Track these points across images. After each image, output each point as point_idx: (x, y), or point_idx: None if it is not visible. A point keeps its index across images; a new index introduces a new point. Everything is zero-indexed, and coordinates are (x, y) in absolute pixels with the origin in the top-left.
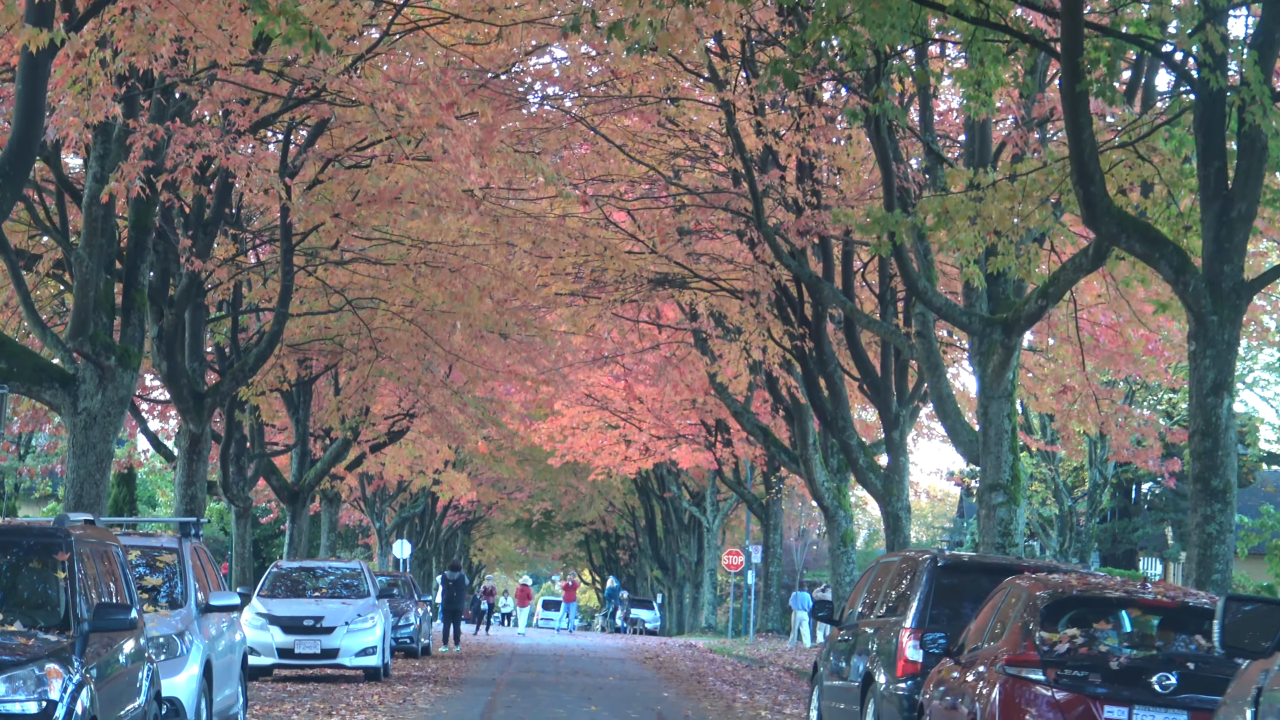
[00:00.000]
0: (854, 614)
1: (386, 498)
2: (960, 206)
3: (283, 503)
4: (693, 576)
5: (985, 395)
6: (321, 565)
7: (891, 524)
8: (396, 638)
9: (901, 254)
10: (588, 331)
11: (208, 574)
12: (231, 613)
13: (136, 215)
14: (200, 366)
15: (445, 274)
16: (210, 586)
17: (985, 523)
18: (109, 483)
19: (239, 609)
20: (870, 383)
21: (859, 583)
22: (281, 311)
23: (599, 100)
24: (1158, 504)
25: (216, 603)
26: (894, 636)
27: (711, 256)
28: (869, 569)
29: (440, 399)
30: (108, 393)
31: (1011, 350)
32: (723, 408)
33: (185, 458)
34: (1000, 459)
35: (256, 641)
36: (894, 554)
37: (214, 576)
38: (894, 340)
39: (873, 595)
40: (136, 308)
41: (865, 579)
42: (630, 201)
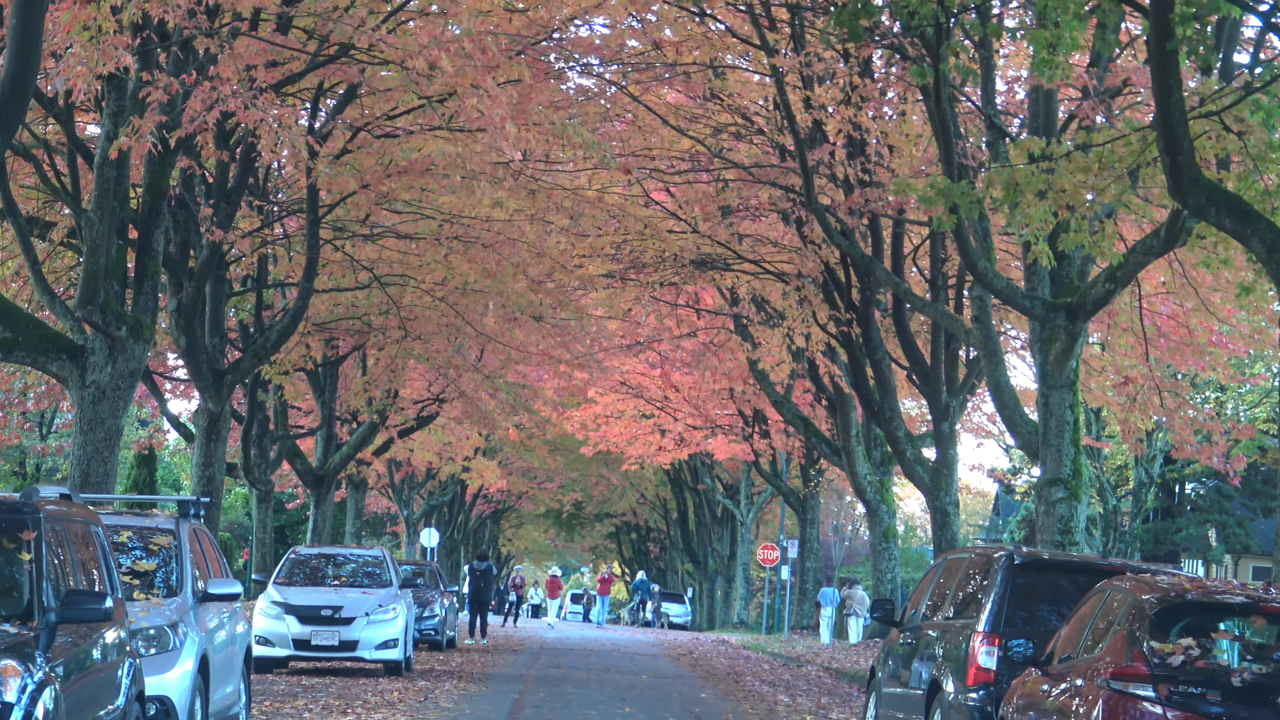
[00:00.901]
0: (917, 615)
1: (415, 485)
2: (1030, 179)
3: (307, 487)
4: (725, 571)
5: (1046, 385)
6: (342, 552)
7: (939, 520)
8: (421, 629)
9: (961, 232)
10: (624, 315)
11: (208, 559)
12: (233, 602)
13: (151, 178)
14: (220, 342)
15: (478, 250)
16: (211, 573)
17: (1044, 519)
18: (118, 460)
19: (239, 598)
20: (919, 371)
21: (922, 581)
22: (306, 286)
23: (641, 69)
24: (1201, 505)
25: (216, 591)
26: (964, 641)
27: (755, 238)
28: (934, 566)
29: (471, 383)
30: (118, 365)
31: (1075, 337)
32: (760, 397)
33: (204, 437)
34: (1061, 452)
35: (271, 632)
36: (963, 550)
37: (216, 562)
38: (949, 325)
39: (938, 595)
40: (150, 276)
41: (930, 577)
42: (672, 177)
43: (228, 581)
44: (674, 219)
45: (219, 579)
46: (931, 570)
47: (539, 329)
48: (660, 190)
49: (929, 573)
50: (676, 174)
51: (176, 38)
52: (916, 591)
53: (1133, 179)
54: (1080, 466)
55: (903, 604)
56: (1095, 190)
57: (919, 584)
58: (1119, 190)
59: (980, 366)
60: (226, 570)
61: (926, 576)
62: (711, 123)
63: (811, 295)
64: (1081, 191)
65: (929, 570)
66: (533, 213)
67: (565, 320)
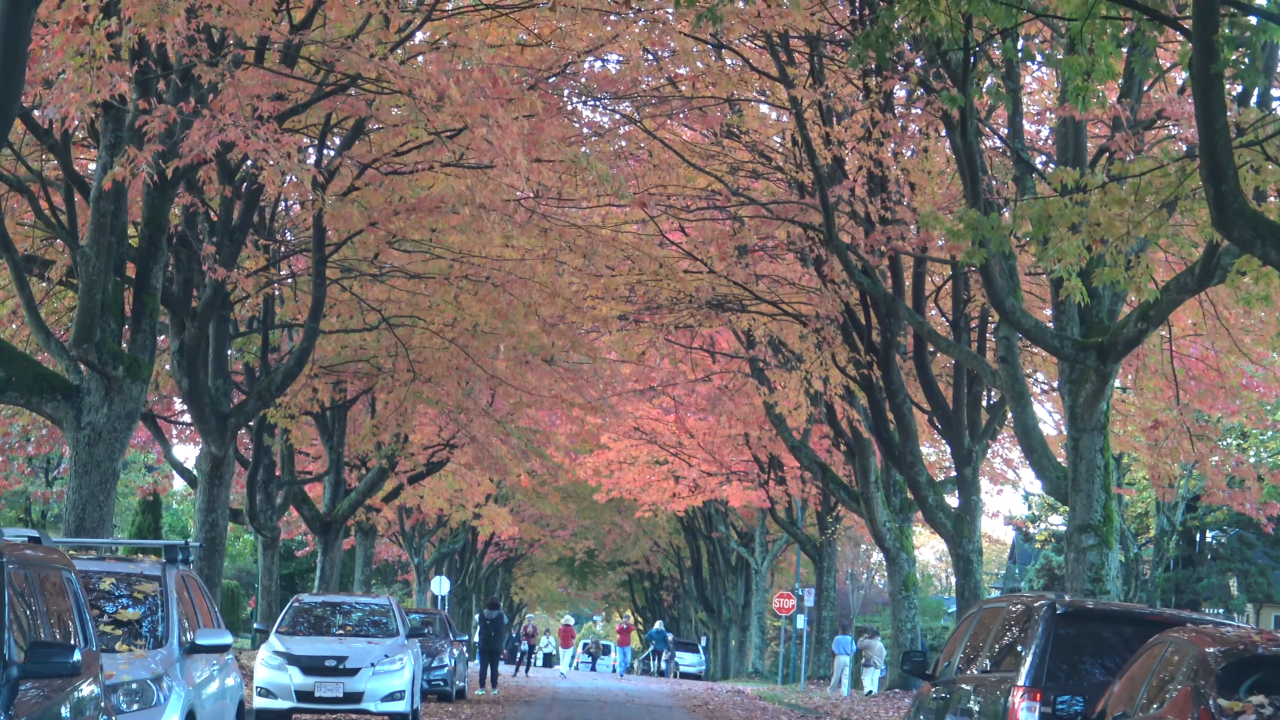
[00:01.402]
0: (950, 667)
1: (425, 532)
2: (1063, 211)
3: (314, 534)
4: (739, 619)
5: (1076, 428)
6: (347, 600)
7: (962, 567)
8: (430, 680)
9: (988, 269)
10: (638, 359)
11: (197, 608)
12: (224, 653)
13: (150, 211)
14: (224, 384)
15: (488, 290)
16: (201, 622)
17: (1074, 567)
18: (114, 505)
19: (230, 649)
20: (941, 415)
21: (956, 631)
22: (312, 327)
23: (656, 103)
24: (1222, 553)
25: (204, 642)
26: (1003, 696)
27: (773, 278)
28: (968, 616)
29: (482, 428)
30: (114, 406)
31: (1106, 378)
32: (776, 443)
33: (206, 482)
34: (1092, 497)
35: (273, 683)
36: (1001, 599)
37: (207, 611)
38: (975, 366)
39: (974, 646)
40: (148, 313)
41: (964, 627)
42: (688, 215)
43: (217, 632)
44: (690, 259)
45: (208, 629)
46: (966, 620)
47: (551, 373)
48: (675, 230)
49: (963, 622)
50: (692, 213)
51: (177, 66)
52: (950, 642)
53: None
54: (1111, 512)
55: (920, 649)
56: (1131, 224)
57: (952, 634)
58: (1155, 223)
59: (1003, 410)
60: (218, 619)
61: (961, 627)
62: (728, 160)
63: (831, 337)
64: (1117, 224)
65: (963, 620)
66: (544, 252)
67: (578, 364)
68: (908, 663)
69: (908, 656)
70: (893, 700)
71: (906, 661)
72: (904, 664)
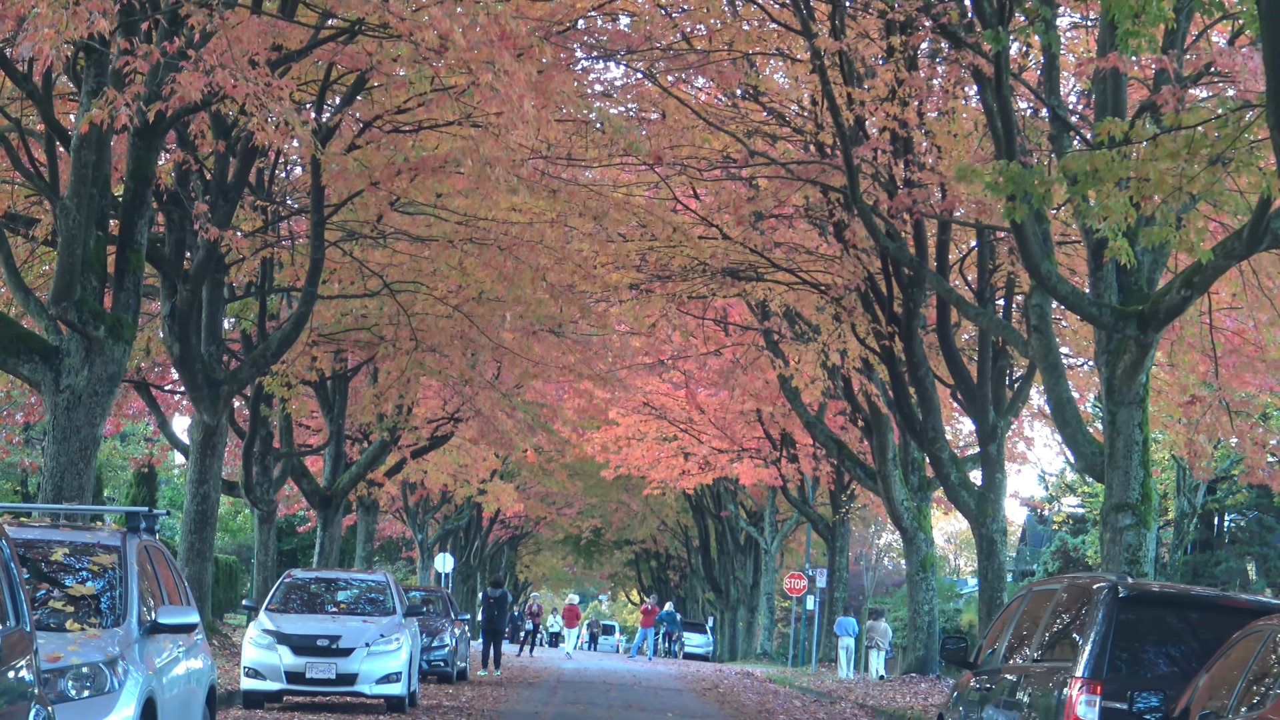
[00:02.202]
0: (995, 655)
1: (429, 509)
2: (1110, 165)
3: (313, 508)
4: (747, 600)
5: (1113, 401)
6: (341, 577)
7: (985, 548)
8: (429, 660)
9: (1023, 232)
10: (649, 330)
11: (163, 582)
12: (190, 633)
13: (135, 163)
14: (218, 350)
15: (494, 254)
16: (167, 598)
17: (1110, 548)
18: (94, 473)
19: (197, 628)
20: (965, 389)
21: (1000, 616)
22: (310, 291)
23: (671, 58)
24: (1240, 537)
25: (167, 620)
26: (1057, 689)
27: (790, 246)
28: (1016, 598)
29: (487, 402)
30: (95, 368)
31: (1147, 348)
32: (789, 420)
33: (198, 452)
34: (1129, 474)
35: (261, 663)
36: (1053, 579)
37: (173, 586)
38: (1005, 336)
39: (1022, 632)
40: (132, 270)
41: (1010, 611)
42: (702, 179)
43: (182, 609)
44: (704, 224)
45: (172, 606)
46: (1013, 603)
47: (559, 344)
48: (689, 196)
49: (1009, 606)
50: (708, 173)
51: (164, 6)
52: (993, 627)
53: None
54: (1149, 490)
55: (937, 638)
56: (1183, 178)
57: (996, 619)
58: (1209, 179)
59: (1029, 385)
60: (187, 595)
61: (1007, 611)
62: (744, 124)
63: (851, 305)
64: (1167, 180)
65: (1011, 601)
66: (553, 216)
67: (587, 336)
68: (950, 645)
69: (949, 640)
70: (909, 684)
71: (949, 645)
72: (942, 650)
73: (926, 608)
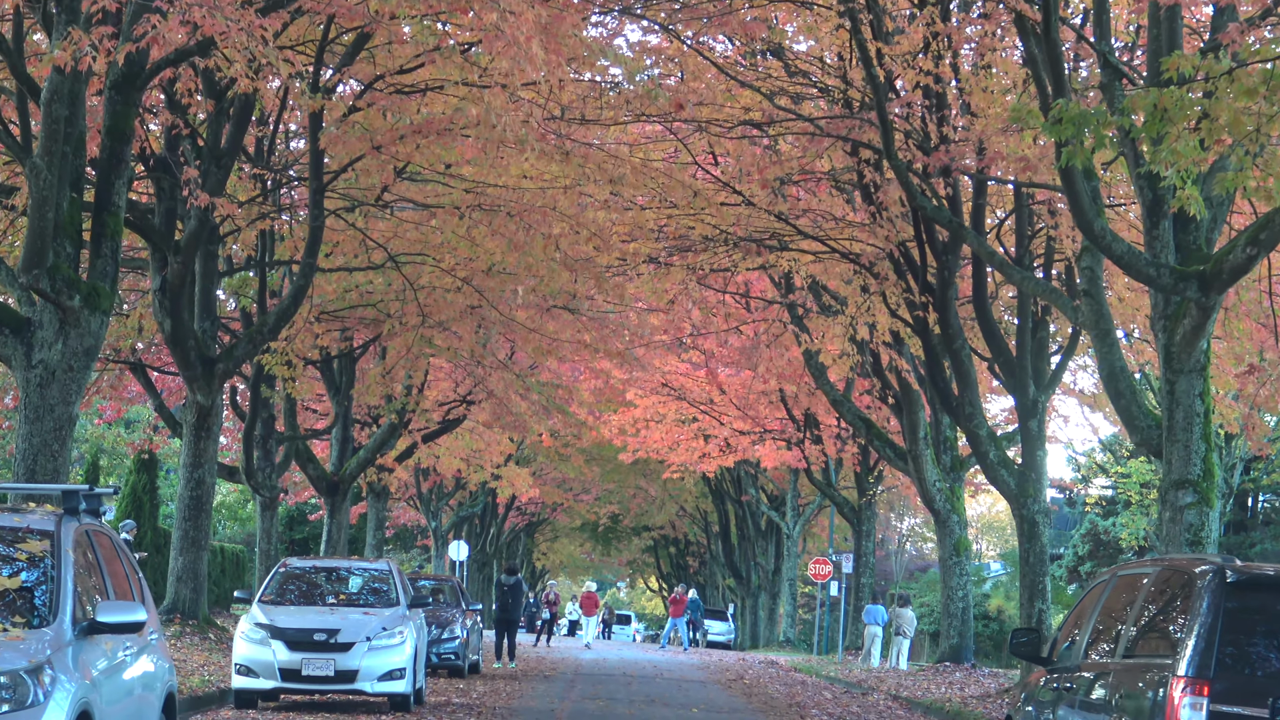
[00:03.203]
0: (1074, 650)
1: (443, 495)
2: (1180, 104)
3: (320, 494)
4: (769, 586)
5: (1172, 370)
6: (341, 565)
7: (1026, 530)
8: (439, 653)
9: (1074, 186)
10: (668, 306)
11: (109, 573)
12: (139, 632)
13: (112, 119)
14: (212, 326)
15: (503, 221)
16: (111, 592)
17: (1169, 528)
18: (69, 454)
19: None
20: (1004, 363)
21: (1079, 605)
22: (309, 262)
23: (691, 6)
24: (1275, 518)
25: (108, 619)
26: (1152, 689)
27: (817, 213)
28: (1096, 584)
29: (501, 383)
30: (70, 341)
31: (1208, 312)
32: (813, 399)
33: (192, 434)
34: (1190, 449)
35: (254, 659)
36: (1142, 563)
37: (123, 577)
38: (1053, 301)
39: (1105, 624)
40: (109, 235)
41: (1090, 600)
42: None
43: (127, 606)
44: (726, 189)
45: (117, 602)
46: (1094, 589)
47: (574, 322)
48: (709, 162)
49: (1089, 593)
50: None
51: None
52: (1069, 618)
53: None
54: (1212, 466)
55: (971, 624)
56: (1262, 118)
57: (1074, 609)
58: None
59: (1069, 357)
60: (140, 589)
61: (1086, 598)
62: (768, 84)
63: (886, 273)
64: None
65: (1090, 589)
66: (567, 183)
67: (603, 313)
68: (1020, 639)
69: (1019, 633)
70: (943, 674)
71: (1019, 638)
72: (1012, 644)
73: (961, 593)
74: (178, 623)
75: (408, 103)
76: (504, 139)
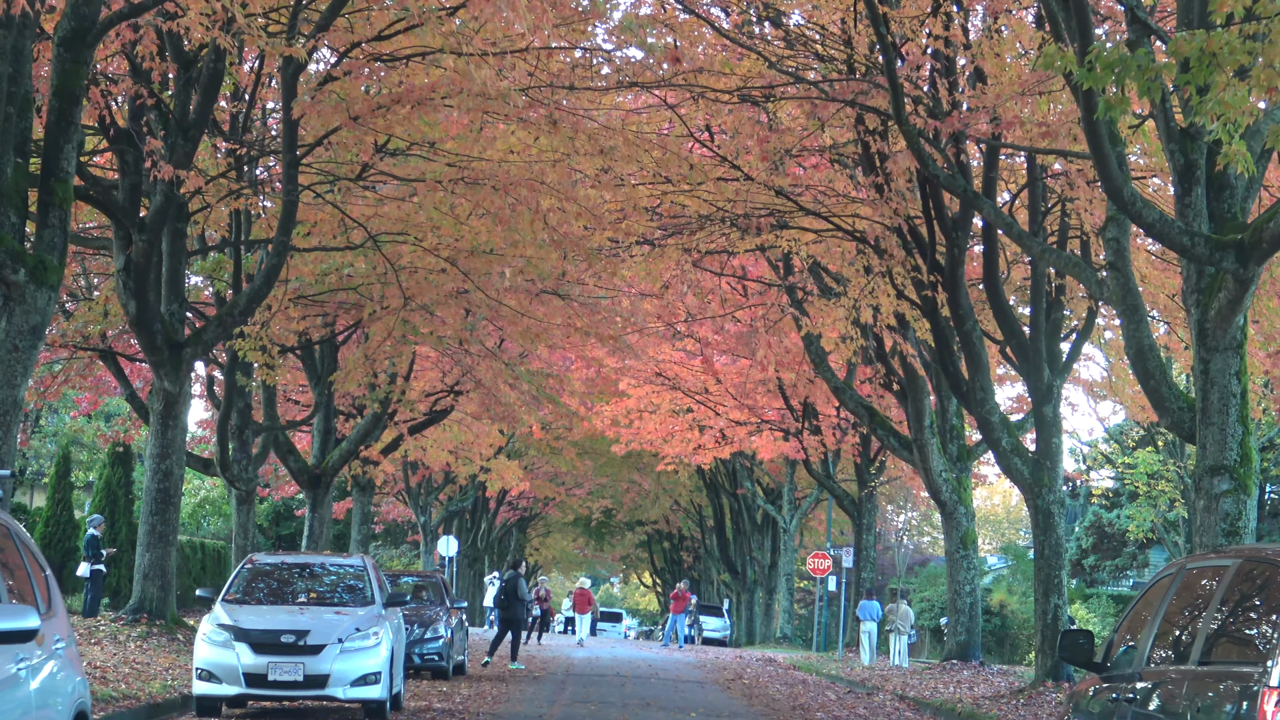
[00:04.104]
0: (1135, 655)
1: (432, 489)
2: (1231, 48)
3: (301, 487)
4: (765, 581)
5: (1206, 347)
6: (312, 561)
7: (1041, 522)
8: (422, 654)
9: (1101, 147)
10: (661, 291)
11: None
12: (28, 641)
13: (60, 78)
14: (180, 309)
15: (488, 194)
16: (6, 594)
17: (1204, 518)
18: (14, 442)
19: (35, 635)
20: (1017, 345)
21: (1136, 604)
22: (283, 240)
23: None
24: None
25: None
26: (1235, 702)
27: (819, 190)
28: (1161, 577)
29: (489, 372)
30: (15, 319)
31: (1246, 284)
32: (812, 387)
33: (159, 423)
34: (1226, 432)
35: (216, 663)
36: (1213, 554)
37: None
38: (1077, 274)
39: (1171, 625)
40: (58, 204)
41: (1153, 598)
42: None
43: (12, 610)
44: (723, 163)
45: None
46: (1158, 585)
47: (564, 308)
48: (705, 135)
49: (1150, 589)
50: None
51: None
52: (1125, 619)
53: None
54: (1250, 450)
55: (979, 620)
56: None
57: (1131, 608)
58: None
59: (1085, 338)
60: (47, 589)
61: (1147, 596)
62: (768, 51)
63: (893, 250)
64: None
65: (1151, 586)
66: (555, 157)
67: (594, 299)
68: (1070, 643)
69: (1070, 635)
70: (950, 672)
71: (1069, 642)
72: (1061, 648)
73: (968, 588)
74: (144, 623)
75: (387, 71)
76: (488, 107)
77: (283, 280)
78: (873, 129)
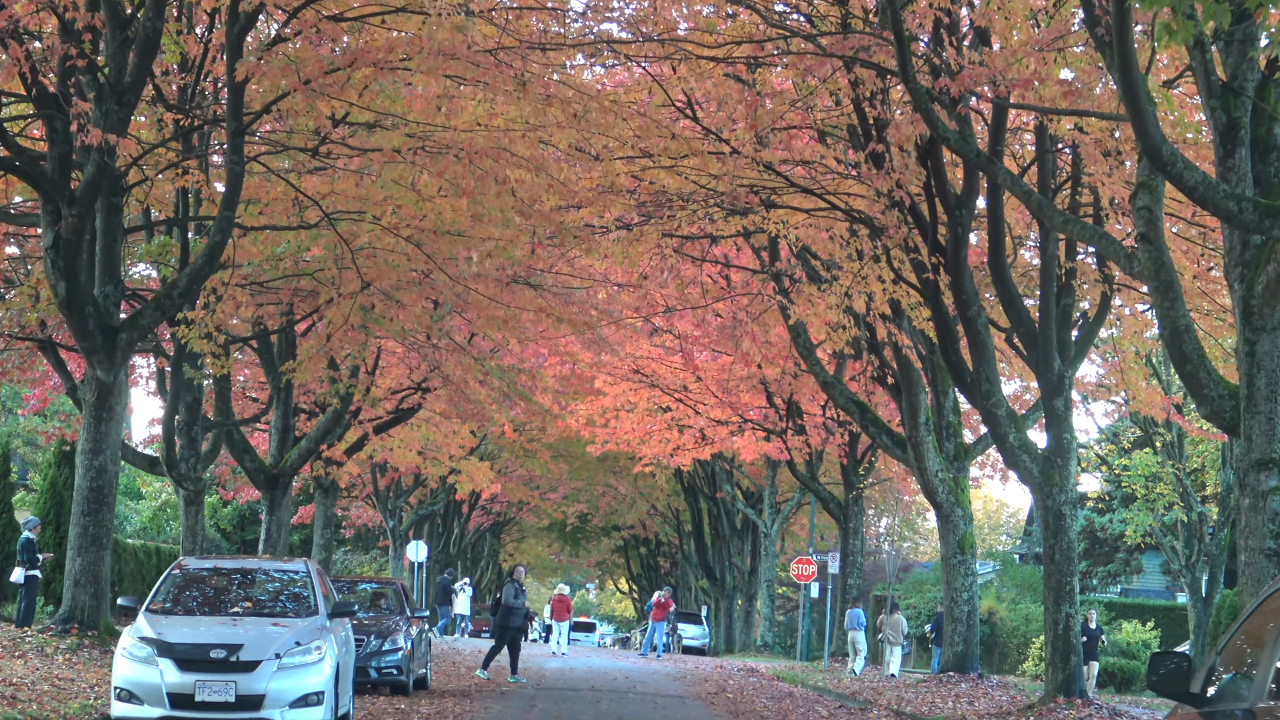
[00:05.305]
0: (1254, 685)
1: (401, 492)
2: None
3: (257, 488)
4: (745, 587)
5: (1251, 327)
6: (249, 566)
7: (1052, 523)
8: (379, 667)
9: (1138, 101)
10: (640, 280)
11: None
12: None
13: None
14: (115, 291)
15: (450, 163)
16: None
17: (1249, 517)
18: None
19: None
20: (1025, 333)
21: (1244, 622)
22: (227, 216)
23: None
24: None
25: None
26: None
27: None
28: (1274, 592)
29: (458, 367)
30: None
31: None
32: (798, 383)
33: (92, 416)
34: (1274, 422)
35: (136, 681)
36: None
37: None
38: (1104, 248)
39: None
40: None
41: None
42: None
43: None
44: (708, 137)
45: None
46: (1276, 598)
47: (536, 298)
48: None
49: (1264, 604)
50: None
51: None
52: (1231, 640)
53: None
54: None
55: (978, 629)
56: None
57: (1240, 626)
58: None
59: (1098, 325)
60: None
61: (1260, 614)
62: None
63: (891, 226)
64: None
65: (1263, 599)
66: (525, 129)
67: (568, 289)
68: (1162, 666)
69: (1162, 658)
70: (947, 685)
71: (1161, 665)
72: (1150, 675)
73: (966, 595)
74: (75, 634)
75: (340, 30)
76: (452, 68)
77: (232, 264)
78: (869, 95)
